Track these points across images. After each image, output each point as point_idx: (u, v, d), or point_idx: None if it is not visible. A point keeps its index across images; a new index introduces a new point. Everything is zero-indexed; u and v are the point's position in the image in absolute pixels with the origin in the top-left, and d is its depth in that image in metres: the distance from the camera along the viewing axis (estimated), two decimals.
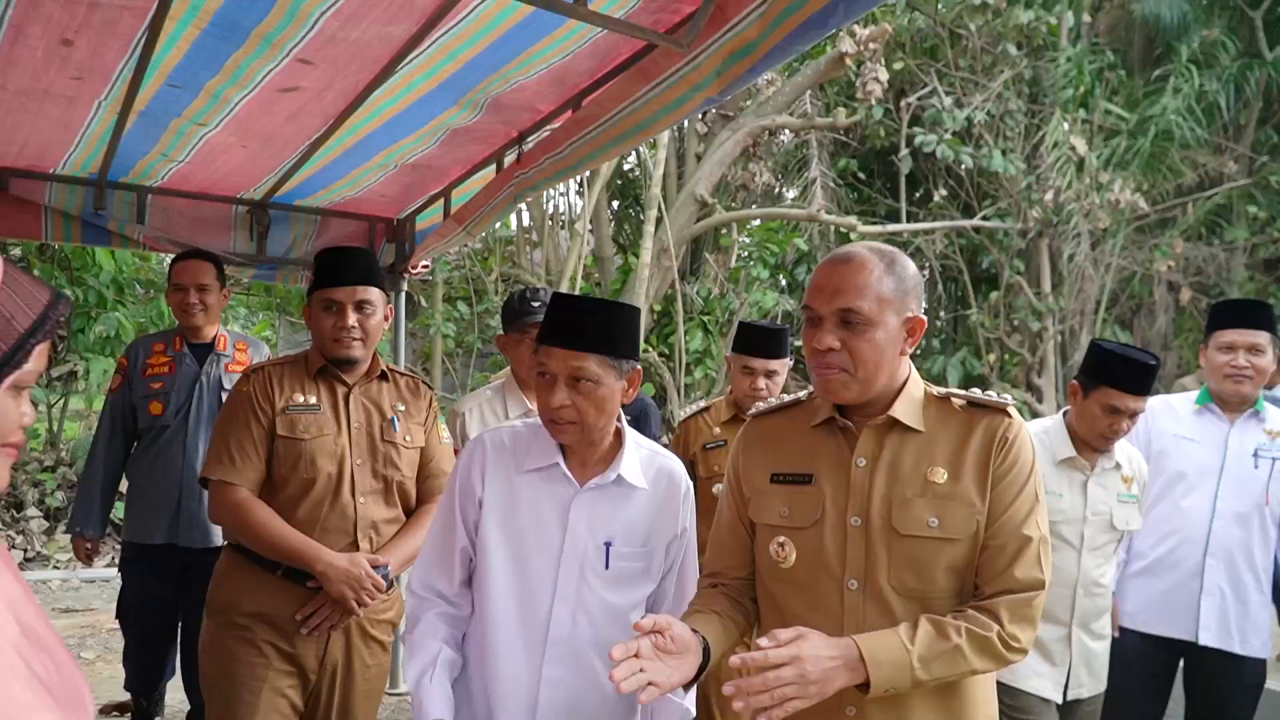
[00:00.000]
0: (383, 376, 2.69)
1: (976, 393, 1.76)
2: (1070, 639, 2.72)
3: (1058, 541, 2.67)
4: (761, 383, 3.20)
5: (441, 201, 3.82)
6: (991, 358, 11.78)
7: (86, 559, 3.71)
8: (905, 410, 1.72)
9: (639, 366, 1.95)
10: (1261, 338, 2.97)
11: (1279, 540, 3.00)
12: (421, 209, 4.02)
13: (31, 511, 7.75)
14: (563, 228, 10.57)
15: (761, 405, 1.96)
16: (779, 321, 11.83)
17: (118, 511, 4.80)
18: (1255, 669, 2.96)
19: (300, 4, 2.32)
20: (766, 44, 2.16)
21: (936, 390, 1.78)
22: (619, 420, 1.97)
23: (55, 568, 7.34)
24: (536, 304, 2.94)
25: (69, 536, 7.92)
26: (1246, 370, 2.97)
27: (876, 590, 1.66)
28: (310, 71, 2.70)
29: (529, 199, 3.40)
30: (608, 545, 1.90)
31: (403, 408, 2.68)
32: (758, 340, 3.23)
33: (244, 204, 3.94)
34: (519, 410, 3.01)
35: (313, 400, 2.57)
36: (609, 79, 2.78)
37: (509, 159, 3.31)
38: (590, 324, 1.85)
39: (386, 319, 2.68)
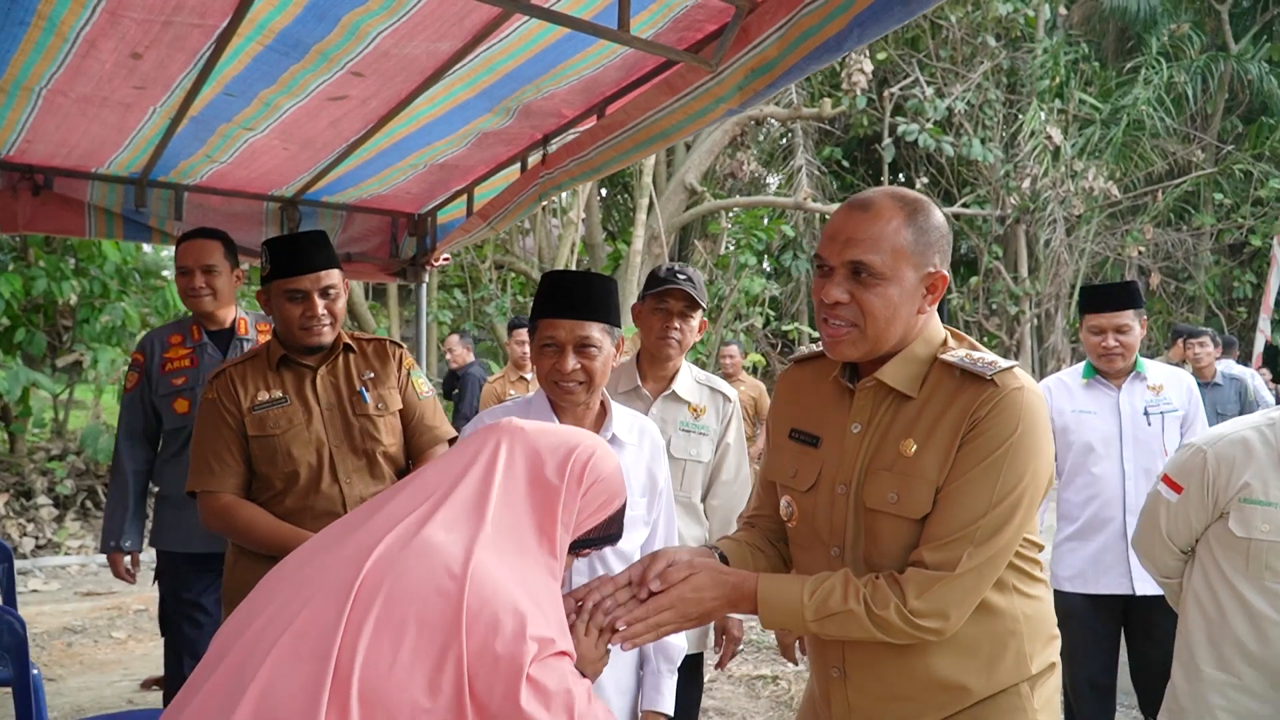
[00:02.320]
0: (347, 349, 2.69)
1: (974, 358, 1.57)
2: None
3: None
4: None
5: (464, 198, 4.04)
6: None
7: (128, 576, 3.39)
8: (896, 373, 1.59)
9: (623, 334, 2.18)
10: (1126, 317, 3.29)
11: None
12: (443, 204, 4.24)
13: (41, 500, 7.93)
14: (554, 215, 10.77)
15: (803, 350, 1.92)
16: (765, 307, 12.14)
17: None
18: None
19: (362, 24, 2.54)
20: (785, 63, 2.39)
21: (945, 354, 1.60)
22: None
23: (66, 554, 7.53)
24: (683, 276, 2.86)
25: (79, 524, 7.96)
26: (1116, 349, 3.29)
27: (855, 560, 1.61)
28: (360, 82, 2.92)
29: (552, 197, 3.63)
30: None
31: (371, 375, 2.68)
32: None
33: (275, 200, 4.14)
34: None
35: (278, 394, 2.57)
36: (632, 88, 3.02)
37: (533, 159, 3.54)
38: (588, 296, 2.07)
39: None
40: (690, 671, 2.76)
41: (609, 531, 1.54)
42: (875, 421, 1.61)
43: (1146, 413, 3.31)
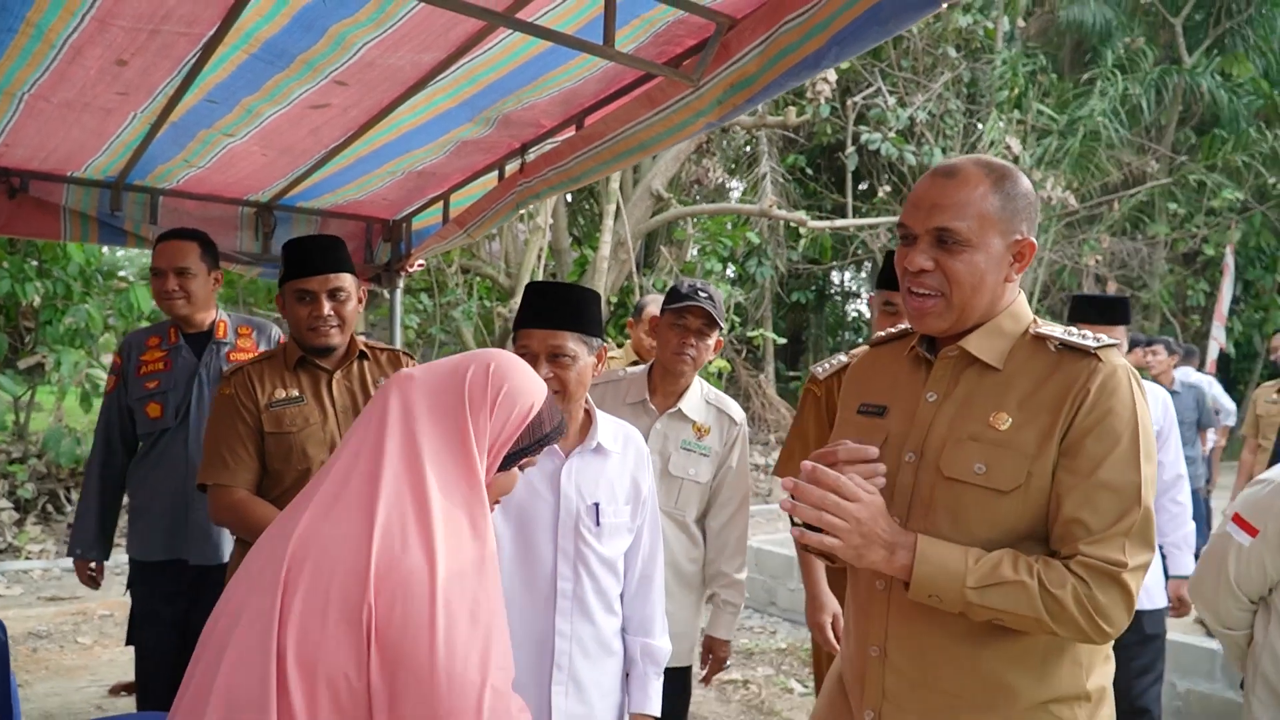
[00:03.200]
0: (362, 356, 2.74)
1: (1074, 333, 1.55)
2: None
3: None
4: None
5: (440, 205, 4.07)
6: None
7: (91, 583, 3.32)
8: (982, 344, 1.56)
9: (605, 344, 2.22)
10: (1119, 333, 3.30)
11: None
12: (418, 210, 4.28)
13: (2, 503, 7.81)
14: (521, 221, 10.80)
15: (880, 334, 1.87)
16: (731, 313, 12.25)
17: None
18: (1155, 619, 3.31)
19: (348, 34, 2.58)
20: (765, 79, 2.45)
21: (1040, 328, 1.58)
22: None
23: (27, 558, 7.42)
24: (704, 294, 2.89)
25: (40, 528, 7.87)
26: None
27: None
28: (343, 91, 2.96)
29: (529, 206, 3.68)
30: (596, 505, 2.12)
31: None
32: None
33: (251, 205, 4.15)
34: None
35: (295, 393, 2.62)
36: (611, 100, 3.08)
37: (510, 168, 3.59)
38: (562, 306, 2.11)
39: (360, 302, 2.73)
40: (678, 685, 2.82)
41: (538, 435, 1.49)
42: (955, 392, 1.58)
43: None
